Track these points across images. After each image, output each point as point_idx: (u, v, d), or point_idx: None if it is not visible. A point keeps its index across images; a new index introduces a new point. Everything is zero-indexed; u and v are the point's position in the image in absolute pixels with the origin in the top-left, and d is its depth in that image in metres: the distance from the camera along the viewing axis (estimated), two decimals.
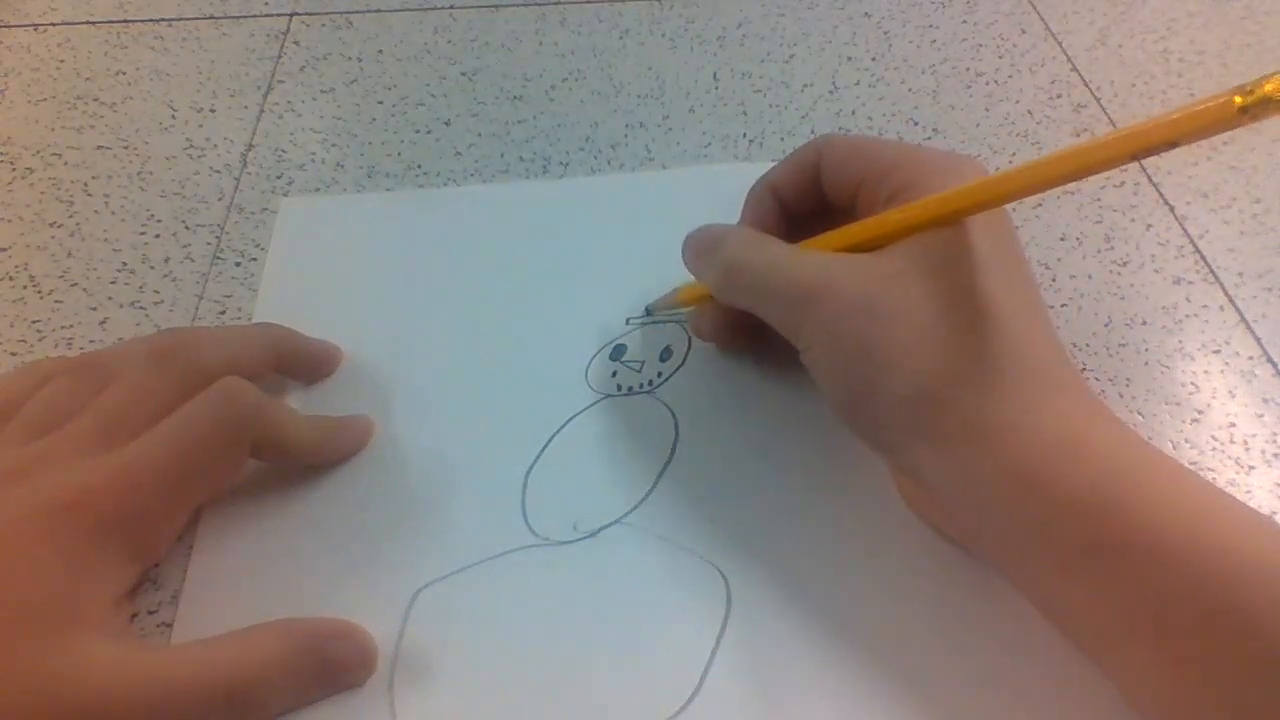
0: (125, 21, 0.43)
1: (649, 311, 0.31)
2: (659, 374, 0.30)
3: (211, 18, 0.44)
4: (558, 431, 0.28)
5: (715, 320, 0.29)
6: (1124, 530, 0.19)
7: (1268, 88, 0.15)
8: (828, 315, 0.22)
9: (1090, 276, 0.34)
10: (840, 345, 0.22)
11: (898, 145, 0.25)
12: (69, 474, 0.22)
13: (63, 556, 0.21)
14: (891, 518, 0.27)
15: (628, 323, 0.31)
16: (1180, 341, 0.32)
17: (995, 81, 0.42)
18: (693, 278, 0.28)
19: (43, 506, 0.21)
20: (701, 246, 0.27)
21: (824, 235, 0.25)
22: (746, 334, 0.28)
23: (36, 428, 0.23)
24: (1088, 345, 0.32)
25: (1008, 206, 0.23)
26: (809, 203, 0.27)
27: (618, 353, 0.31)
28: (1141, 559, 0.19)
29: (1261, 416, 0.30)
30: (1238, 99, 0.15)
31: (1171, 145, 0.17)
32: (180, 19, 0.43)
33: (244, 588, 0.25)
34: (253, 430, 0.24)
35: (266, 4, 0.45)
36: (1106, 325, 0.33)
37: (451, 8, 0.45)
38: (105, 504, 0.22)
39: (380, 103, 0.40)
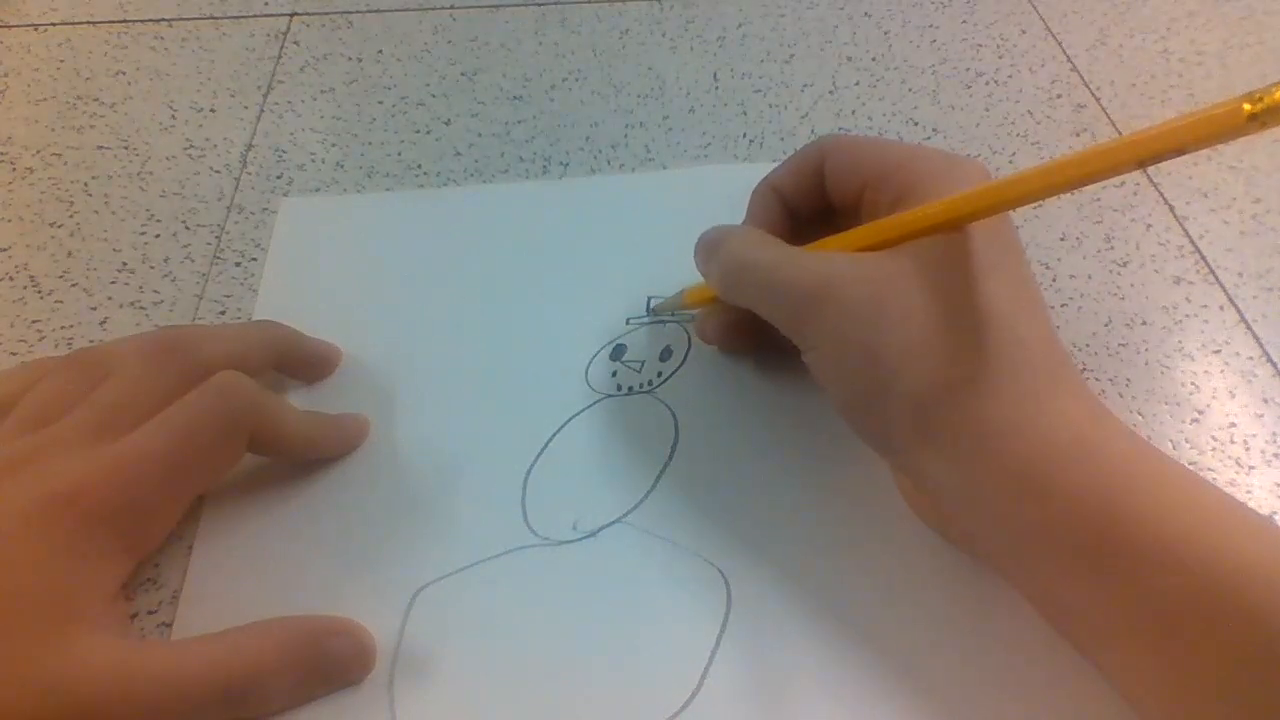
0: (125, 21, 0.43)
1: (650, 308, 0.31)
2: (659, 374, 0.30)
3: (211, 18, 0.44)
4: (558, 431, 0.28)
5: (719, 322, 0.29)
6: (1123, 532, 0.19)
7: (1278, 95, 0.15)
8: (832, 315, 0.22)
9: (1090, 276, 0.34)
10: (844, 346, 0.22)
11: (901, 146, 0.25)
12: (64, 466, 0.22)
13: (58, 549, 0.21)
14: (893, 518, 0.27)
15: (628, 323, 0.31)
16: (1180, 341, 0.32)
17: (995, 81, 0.42)
18: (701, 279, 0.28)
19: (37, 499, 0.21)
20: (706, 245, 0.27)
21: (827, 240, 0.25)
22: (750, 337, 0.28)
23: (32, 422, 0.23)
24: (1088, 345, 0.32)
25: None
26: (812, 203, 0.27)
27: (618, 353, 0.30)
28: (1141, 560, 0.19)
29: (1261, 416, 0.30)
30: (1246, 106, 0.15)
31: (1179, 153, 0.17)
32: (180, 19, 0.43)
33: (244, 587, 0.25)
34: (250, 423, 0.24)
35: (266, 4, 0.45)
36: (1106, 325, 0.33)
37: (451, 8, 0.45)
38: (99, 496, 0.22)
39: (380, 103, 0.40)
